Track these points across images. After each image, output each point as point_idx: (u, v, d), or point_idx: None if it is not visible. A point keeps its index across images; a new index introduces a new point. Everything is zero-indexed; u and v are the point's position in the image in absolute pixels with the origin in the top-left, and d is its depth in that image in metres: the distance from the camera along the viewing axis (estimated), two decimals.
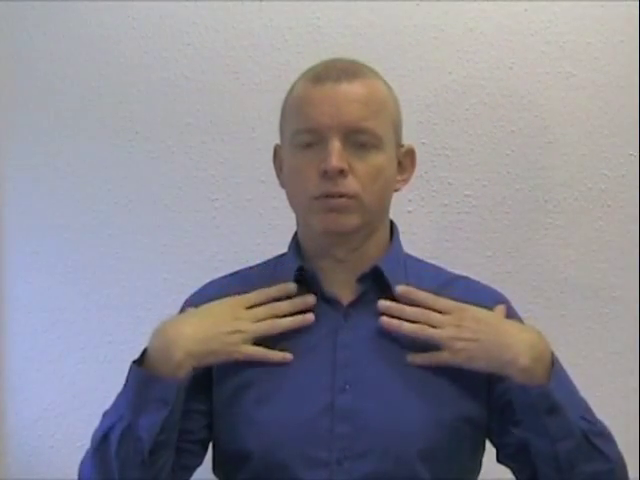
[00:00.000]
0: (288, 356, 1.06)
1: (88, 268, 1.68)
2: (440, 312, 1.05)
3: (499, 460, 1.13)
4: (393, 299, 1.09)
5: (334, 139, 1.02)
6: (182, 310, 1.16)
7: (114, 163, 1.66)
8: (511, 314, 1.14)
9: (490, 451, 1.14)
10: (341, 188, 1.03)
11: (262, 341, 1.07)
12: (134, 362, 1.02)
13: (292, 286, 1.08)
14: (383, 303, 1.05)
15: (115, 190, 1.66)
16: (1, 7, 1.69)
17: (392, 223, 1.17)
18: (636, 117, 1.55)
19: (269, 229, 1.61)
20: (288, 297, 1.09)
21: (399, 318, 1.05)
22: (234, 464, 1.07)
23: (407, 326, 1.04)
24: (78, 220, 1.67)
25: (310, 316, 1.06)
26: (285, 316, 1.07)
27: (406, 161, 1.13)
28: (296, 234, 1.16)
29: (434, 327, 1.04)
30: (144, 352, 1.02)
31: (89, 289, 1.68)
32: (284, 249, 1.17)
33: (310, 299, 1.07)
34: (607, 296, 1.57)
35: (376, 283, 1.10)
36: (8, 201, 1.71)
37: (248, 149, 1.61)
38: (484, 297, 1.13)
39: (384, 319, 1.05)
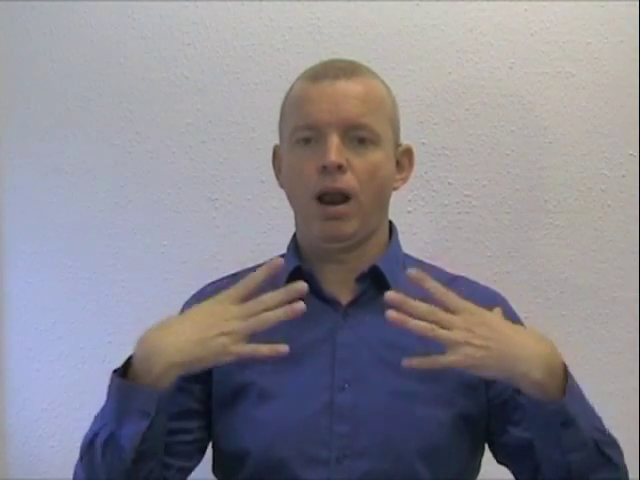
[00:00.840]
0: (282, 348, 0.95)
1: (88, 268, 1.68)
2: (449, 309, 0.96)
3: (499, 460, 1.12)
4: None
5: (332, 135, 1.03)
6: (182, 312, 1.16)
7: (114, 163, 1.66)
8: (510, 314, 1.14)
9: (490, 451, 1.14)
10: (339, 184, 1.03)
11: (259, 341, 1.07)
12: (115, 371, 0.98)
13: (301, 286, 0.97)
14: (390, 294, 0.94)
15: (115, 190, 1.66)
16: (1, 7, 1.69)
17: (391, 223, 1.17)
18: (636, 117, 1.55)
19: (269, 229, 1.61)
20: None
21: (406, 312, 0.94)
22: (234, 463, 1.07)
23: (414, 323, 0.93)
24: (78, 220, 1.67)
25: (300, 305, 0.95)
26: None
27: (404, 160, 1.14)
28: (295, 234, 1.16)
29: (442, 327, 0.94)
30: (129, 359, 0.99)
31: (89, 289, 1.68)
32: (284, 249, 1.17)
33: (300, 285, 0.96)
34: (607, 296, 1.57)
35: (375, 282, 1.10)
36: (8, 201, 1.71)
37: (248, 149, 1.61)
38: (483, 297, 1.13)
39: (391, 313, 0.93)
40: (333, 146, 1.03)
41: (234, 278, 1.19)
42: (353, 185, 1.04)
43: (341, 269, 1.10)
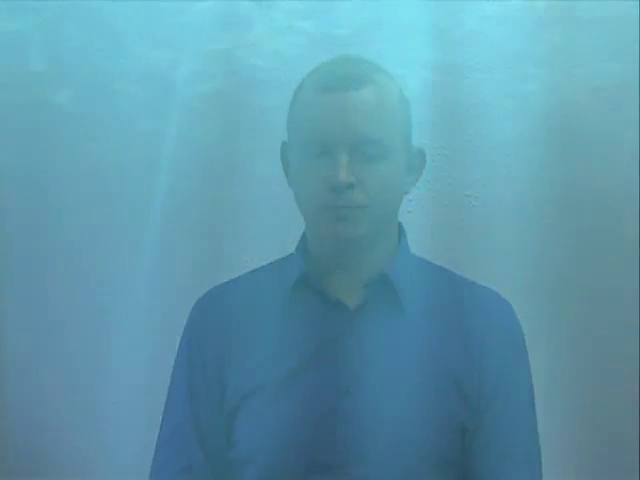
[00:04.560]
0: None
1: (88, 268, 1.68)
2: None
3: None
4: (399, 304, 1.09)
5: (342, 153, 1.01)
6: (190, 318, 1.16)
7: (114, 163, 1.66)
8: (512, 321, 1.14)
9: None
10: (349, 201, 1.02)
11: (267, 346, 1.08)
12: None
13: None
14: None
15: (115, 191, 1.66)
16: (2, 7, 1.69)
17: (399, 226, 1.16)
18: (636, 117, 1.55)
19: (269, 229, 1.61)
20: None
21: None
22: (237, 468, 1.07)
23: None
24: (78, 220, 1.67)
25: None
26: None
27: (415, 163, 1.13)
28: (304, 234, 1.16)
29: None
30: None
31: (89, 289, 1.68)
32: (284, 249, 1.17)
33: None
34: (607, 296, 1.57)
35: (382, 288, 1.09)
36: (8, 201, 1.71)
37: (248, 149, 1.61)
38: (489, 302, 1.13)
39: None
40: (343, 165, 1.01)
41: (241, 280, 1.18)
42: (364, 201, 1.03)
43: (349, 274, 1.09)
